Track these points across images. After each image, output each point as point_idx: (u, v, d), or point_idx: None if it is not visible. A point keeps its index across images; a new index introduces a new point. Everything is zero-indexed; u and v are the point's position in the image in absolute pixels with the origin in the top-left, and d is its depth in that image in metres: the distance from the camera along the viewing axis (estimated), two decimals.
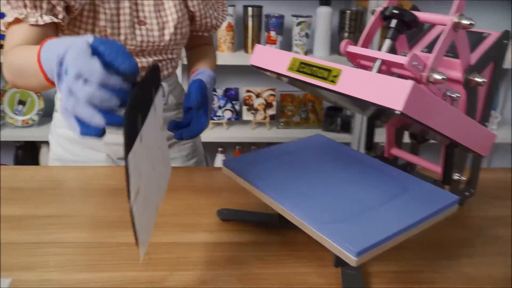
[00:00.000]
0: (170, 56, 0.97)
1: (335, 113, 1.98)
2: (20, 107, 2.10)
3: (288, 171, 0.73)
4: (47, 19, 0.76)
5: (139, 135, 0.48)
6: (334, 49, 1.98)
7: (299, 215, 0.61)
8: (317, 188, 0.67)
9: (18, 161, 2.17)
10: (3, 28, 0.77)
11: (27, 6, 0.75)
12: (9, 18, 0.76)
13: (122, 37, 0.87)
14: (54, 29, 0.79)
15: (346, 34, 1.90)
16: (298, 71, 0.61)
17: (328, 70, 0.57)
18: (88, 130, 0.47)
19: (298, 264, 0.68)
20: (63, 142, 1.04)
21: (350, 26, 1.88)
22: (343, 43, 0.68)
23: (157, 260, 0.68)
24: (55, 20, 0.77)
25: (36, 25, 0.75)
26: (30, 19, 0.75)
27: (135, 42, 0.89)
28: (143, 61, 0.92)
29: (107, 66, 0.47)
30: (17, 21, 0.75)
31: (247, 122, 2.04)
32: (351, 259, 0.53)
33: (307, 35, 1.90)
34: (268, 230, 0.77)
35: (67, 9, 0.80)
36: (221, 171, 0.77)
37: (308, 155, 0.78)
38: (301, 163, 0.76)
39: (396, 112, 0.49)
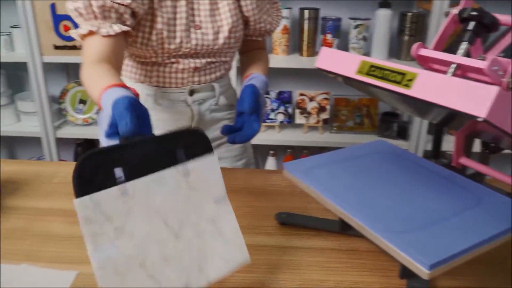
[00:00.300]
0: (223, 58, 0.98)
1: (392, 118, 1.92)
2: (81, 105, 2.19)
3: (351, 176, 0.71)
4: (117, 28, 0.79)
5: (117, 187, 0.51)
6: (392, 52, 1.93)
7: (365, 222, 0.59)
8: (383, 195, 0.65)
9: (78, 158, 2.26)
10: (78, 39, 0.81)
11: (98, 17, 0.78)
12: (83, 30, 0.80)
13: (177, 40, 0.89)
14: (123, 37, 0.82)
15: (406, 37, 1.84)
16: (368, 74, 0.60)
17: (402, 74, 0.55)
18: None
19: (360, 273, 0.67)
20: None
21: (410, 29, 1.82)
22: (414, 46, 0.65)
23: None
24: (124, 28, 0.80)
25: (108, 35, 0.78)
26: (102, 30, 0.78)
27: (189, 45, 0.91)
28: (197, 62, 0.94)
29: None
30: (90, 33, 0.79)
31: (300, 125, 2.03)
32: (423, 272, 0.51)
33: (364, 38, 1.86)
34: (328, 236, 0.75)
35: (133, 15, 0.83)
36: (278, 174, 0.77)
37: (372, 161, 0.76)
38: (365, 168, 0.74)
39: (479, 119, 0.46)
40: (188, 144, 0.58)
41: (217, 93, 1.00)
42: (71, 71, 2.25)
